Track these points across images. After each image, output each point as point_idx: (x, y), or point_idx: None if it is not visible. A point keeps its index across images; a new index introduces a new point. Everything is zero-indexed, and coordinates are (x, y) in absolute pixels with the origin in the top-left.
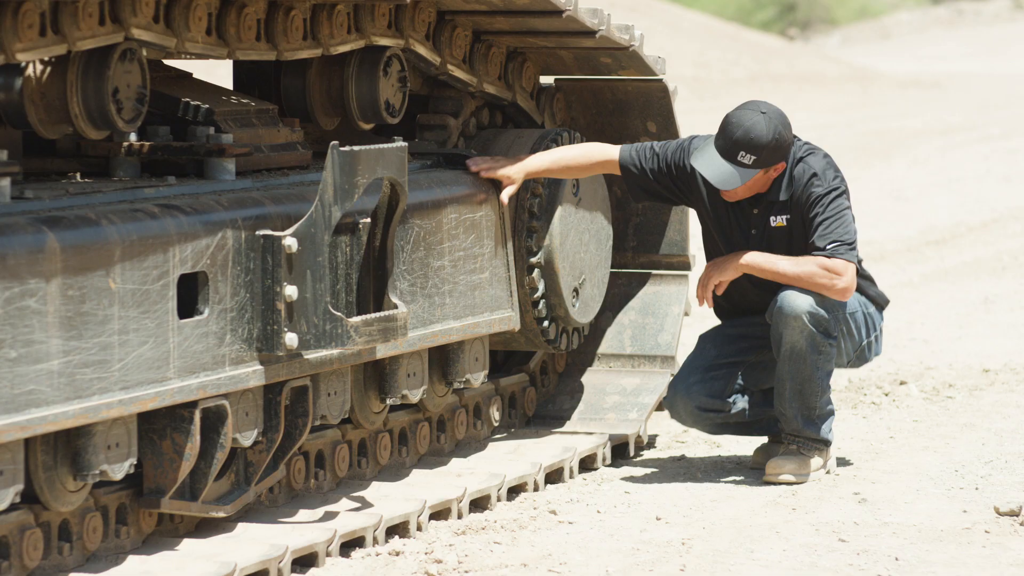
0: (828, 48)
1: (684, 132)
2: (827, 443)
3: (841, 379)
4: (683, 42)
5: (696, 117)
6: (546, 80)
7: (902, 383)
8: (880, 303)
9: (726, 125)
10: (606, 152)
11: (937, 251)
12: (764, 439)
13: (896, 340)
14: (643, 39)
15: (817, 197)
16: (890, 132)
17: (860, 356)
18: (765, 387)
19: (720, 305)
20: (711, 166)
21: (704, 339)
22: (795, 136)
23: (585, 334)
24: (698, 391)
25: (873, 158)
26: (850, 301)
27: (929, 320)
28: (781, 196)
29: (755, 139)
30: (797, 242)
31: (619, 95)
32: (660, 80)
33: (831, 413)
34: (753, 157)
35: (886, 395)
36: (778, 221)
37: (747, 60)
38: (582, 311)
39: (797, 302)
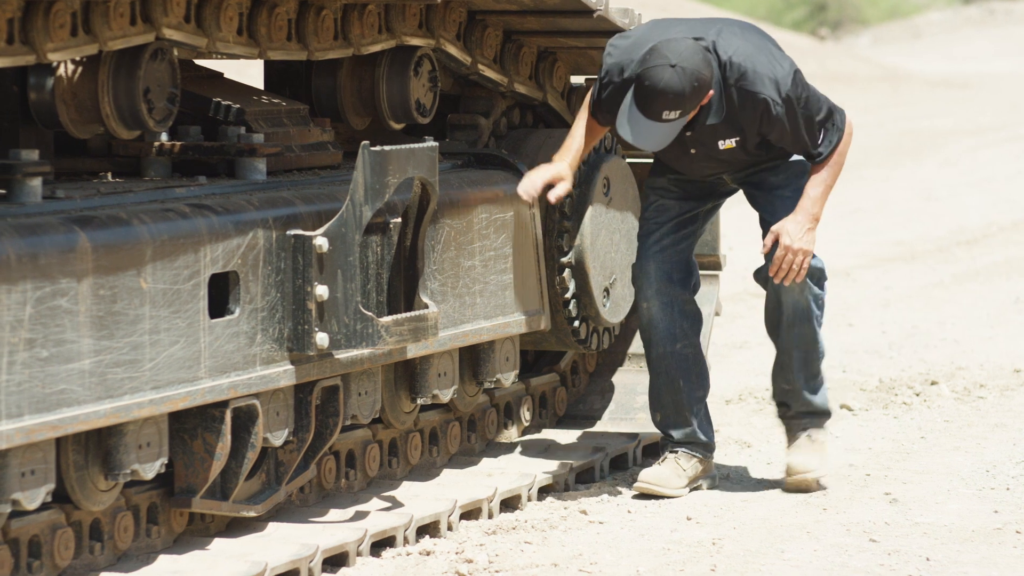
0: (859, 48)
1: None
2: (829, 414)
3: (872, 379)
4: None
5: None
6: (577, 80)
7: (933, 383)
8: None
9: (641, 88)
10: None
11: (968, 251)
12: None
13: (927, 340)
14: None
15: (785, 117)
16: (920, 132)
17: None
18: None
19: (671, 171)
20: (638, 130)
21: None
22: (706, 48)
23: (616, 334)
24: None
25: (903, 158)
26: None
27: (960, 320)
28: (710, 120)
29: (674, 97)
30: (750, 150)
31: None
32: None
33: (824, 380)
34: (678, 111)
35: (917, 395)
36: (727, 144)
37: None
38: (613, 311)
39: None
